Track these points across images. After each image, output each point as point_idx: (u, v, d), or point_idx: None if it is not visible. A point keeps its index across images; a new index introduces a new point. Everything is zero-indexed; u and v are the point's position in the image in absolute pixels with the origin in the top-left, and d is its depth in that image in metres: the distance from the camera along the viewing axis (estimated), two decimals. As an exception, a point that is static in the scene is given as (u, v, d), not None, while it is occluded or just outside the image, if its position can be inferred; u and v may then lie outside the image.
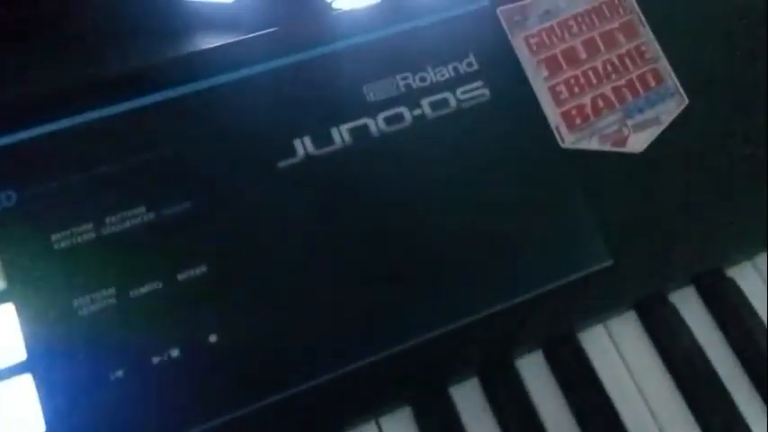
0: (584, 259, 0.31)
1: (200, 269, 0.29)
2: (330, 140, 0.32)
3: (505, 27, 0.35)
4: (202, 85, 0.32)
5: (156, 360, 0.27)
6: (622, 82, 0.34)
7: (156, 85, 0.32)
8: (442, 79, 0.33)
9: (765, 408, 0.31)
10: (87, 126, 0.31)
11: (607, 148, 0.32)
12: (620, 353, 0.32)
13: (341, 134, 0.32)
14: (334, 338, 0.29)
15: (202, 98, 0.31)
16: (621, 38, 0.35)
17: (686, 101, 0.34)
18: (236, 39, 0.36)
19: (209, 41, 0.45)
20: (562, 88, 0.34)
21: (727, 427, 0.30)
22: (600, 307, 0.32)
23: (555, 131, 0.33)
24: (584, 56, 0.34)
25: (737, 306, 0.33)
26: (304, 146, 0.31)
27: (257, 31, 0.45)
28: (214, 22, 0.45)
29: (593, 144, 0.32)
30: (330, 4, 0.47)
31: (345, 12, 0.45)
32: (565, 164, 0.32)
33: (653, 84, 0.34)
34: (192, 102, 0.32)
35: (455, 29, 0.35)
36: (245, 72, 0.34)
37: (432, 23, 0.36)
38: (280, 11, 0.46)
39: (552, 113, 0.33)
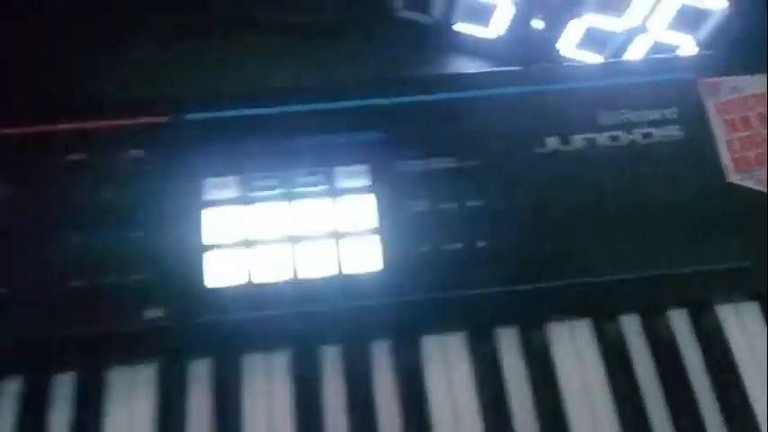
0: (724, 253, 0.45)
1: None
2: (570, 143, 0.48)
3: (702, 93, 0.50)
4: (489, 92, 0.50)
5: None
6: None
7: (459, 87, 0.50)
8: (652, 118, 0.49)
9: None
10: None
11: (759, 187, 0.47)
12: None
13: (578, 140, 0.48)
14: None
15: (491, 102, 0.49)
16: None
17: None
18: (512, 68, 0.53)
19: (481, 66, 0.63)
20: (736, 144, 0.48)
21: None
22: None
23: (724, 169, 0.48)
24: (756, 123, 0.49)
25: None
26: (553, 142, 0.48)
27: (508, 62, 0.63)
28: (477, 50, 0.62)
29: (750, 183, 0.47)
30: (562, 55, 0.64)
31: (579, 63, 0.62)
32: (726, 192, 0.47)
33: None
34: (483, 103, 0.49)
35: (665, 86, 0.50)
36: (514, 90, 0.51)
37: (647, 81, 0.51)
38: (522, 49, 0.63)
39: (725, 157, 0.48)
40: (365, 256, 0.46)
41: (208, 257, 0.45)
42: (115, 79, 0.53)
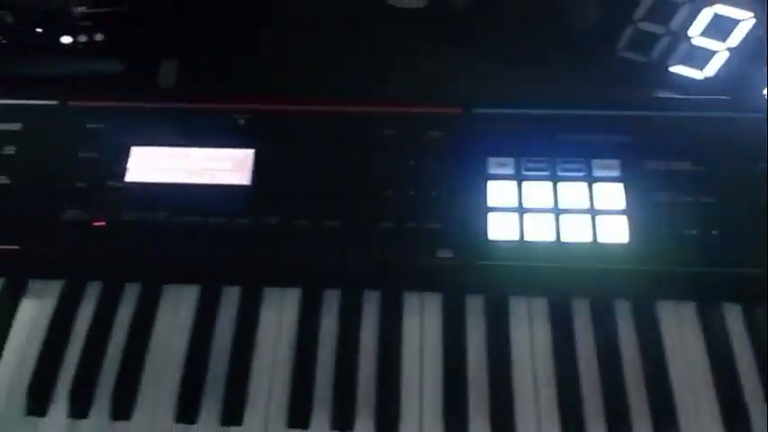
0: None
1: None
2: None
3: None
4: (718, 114, 0.61)
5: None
6: None
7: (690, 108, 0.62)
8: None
9: None
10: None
11: None
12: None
13: None
14: None
15: (719, 122, 0.60)
16: None
17: None
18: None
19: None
20: None
21: None
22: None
23: None
24: None
25: None
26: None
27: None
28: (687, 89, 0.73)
29: None
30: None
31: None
32: None
33: None
34: (713, 122, 0.60)
35: None
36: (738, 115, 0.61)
37: None
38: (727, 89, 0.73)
39: None
40: (614, 231, 0.57)
41: (491, 217, 0.58)
42: (419, 70, 0.68)
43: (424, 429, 0.52)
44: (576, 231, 0.57)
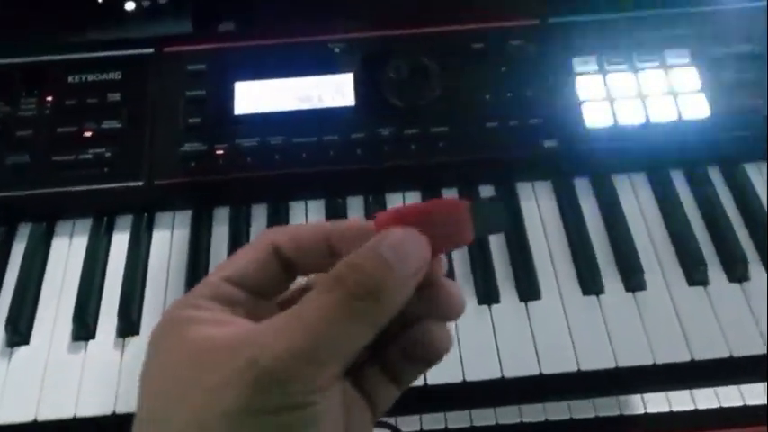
0: None
1: None
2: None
3: None
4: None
5: None
6: None
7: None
8: None
9: None
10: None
11: None
12: None
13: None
14: None
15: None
16: None
17: None
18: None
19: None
20: None
21: None
22: None
23: None
24: None
25: None
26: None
27: None
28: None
29: None
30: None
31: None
32: None
33: None
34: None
35: None
36: None
37: None
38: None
39: None
40: (696, 108, 0.63)
41: (584, 107, 0.63)
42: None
43: (562, 291, 0.57)
44: (661, 112, 0.64)
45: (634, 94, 0.64)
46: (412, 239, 0.26)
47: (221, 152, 0.63)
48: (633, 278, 0.57)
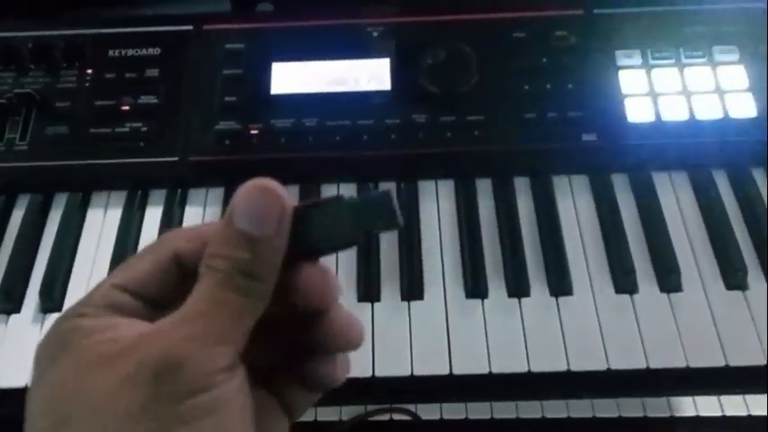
0: None
1: None
2: None
3: None
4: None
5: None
6: None
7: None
8: None
9: None
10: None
11: None
12: None
13: None
14: None
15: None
16: None
17: None
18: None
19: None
20: None
21: None
22: None
23: None
24: None
25: None
26: None
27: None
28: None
29: None
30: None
31: None
32: None
33: None
34: None
35: None
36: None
37: None
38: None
39: None
40: (743, 106, 0.61)
41: (627, 102, 0.62)
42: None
43: (594, 288, 0.56)
44: (707, 110, 0.62)
45: (679, 90, 0.63)
46: (257, 197, 0.25)
47: (256, 132, 0.63)
48: (669, 279, 0.55)
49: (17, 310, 0.57)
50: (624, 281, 0.55)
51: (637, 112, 0.62)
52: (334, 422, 0.75)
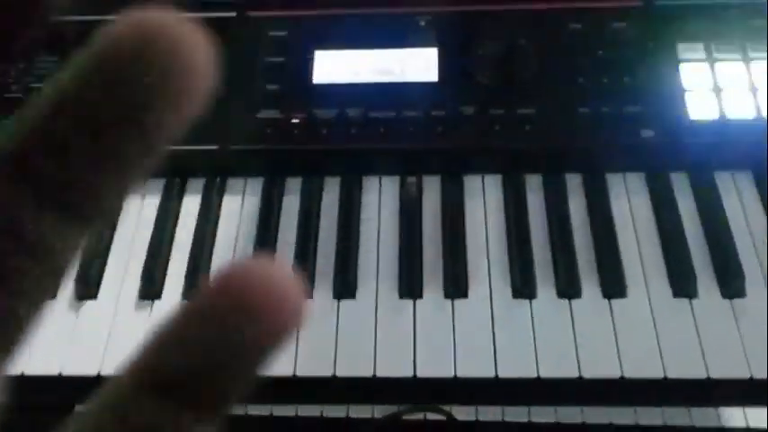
0: None
1: None
2: None
3: None
4: None
5: None
6: None
7: None
8: None
9: None
10: None
11: None
12: None
13: None
14: None
15: None
16: None
17: None
18: None
19: None
20: None
21: None
22: None
23: None
24: None
25: None
26: None
27: None
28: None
29: None
30: None
31: None
32: None
33: None
34: None
35: None
36: None
37: None
38: None
39: None
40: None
41: (688, 97, 0.59)
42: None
43: (650, 291, 0.53)
44: (778, 107, 0.58)
45: (744, 86, 0.59)
46: None
47: (297, 121, 0.61)
48: (731, 284, 0.52)
49: (53, 296, 0.57)
50: (683, 284, 0.52)
51: (699, 108, 0.58)
52: (366, 419, 0.73)
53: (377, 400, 0.54)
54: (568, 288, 0.53)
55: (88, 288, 0.56)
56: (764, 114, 0.58)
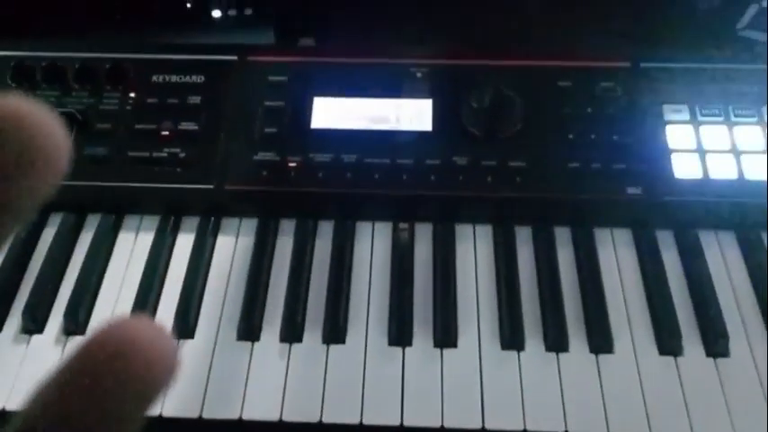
0: None
1: None
2: None
3: None
4: None
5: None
6: None
7: None
8: None
9: None
10: None
11: None
12: None
13: None
14: None
15: None
16: None
17: None
18: None
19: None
20: None
21: None
22: None
23: None
24: None
25: None
26: None
27: None
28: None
29: None
30: None
31: None
32: None
33: None
34: None
35: None
36: None
37: None
38: None
39: None
40: (795, 169, 0.60)
41: (675, 157, 0.60)
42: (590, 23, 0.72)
43: (636, 348, 0.53)
44: (756, 170, 0.60)
45: (728, 148, 0.61)
46: None
47: (294, 164, 0.62)
48: (716, 343, 0.53)
49: (40, 330, 0.56)
50: (669, 342, 0.53)
51: (684, 167, 0.60)
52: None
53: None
54: (556, 342, 0.53)
55: (77, 324, 0.56)
56: (746, 176, 0.60)
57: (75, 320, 0.56)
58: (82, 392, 0.17)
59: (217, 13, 0.82)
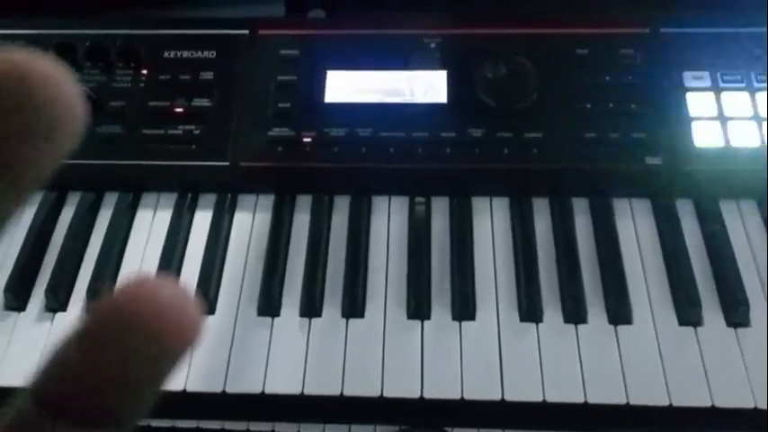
0: None
1: None
2: None
3: None
4: None
5: None
6: None
7: None
8: None
9: None
10: None
11: None
12: None
13: None
14: None
15: None
16: None
17: None
18: None
19: None
20: None
21: None
22: None
23: None
24: None
25: None
26: None
27: None
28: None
29: None
30: None
31: None
32: None
33: None
34: None
35: None
36: None
37: None
38: None
39: None
40: (818, 136, 0.59)
41: (695, 125, 0.59)
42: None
43: (655, 318, 0.53)
44: (780, 137, 0.59)
45: (750, 115, 0.60)
46: None
47: (308, 139, 0.62)
48: (736, 313, 0.53)
49: (64, 308, 0.57)
50: (688, 312, 0.53)
51: (704, 136, 0.59)
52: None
53: (383, 420, 0.55)
54: (575, 314, 0.53)
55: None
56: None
57: (95, 299, 0.56)
58: (108, 346, 0.15)
59: (225, -14, 0.81)
